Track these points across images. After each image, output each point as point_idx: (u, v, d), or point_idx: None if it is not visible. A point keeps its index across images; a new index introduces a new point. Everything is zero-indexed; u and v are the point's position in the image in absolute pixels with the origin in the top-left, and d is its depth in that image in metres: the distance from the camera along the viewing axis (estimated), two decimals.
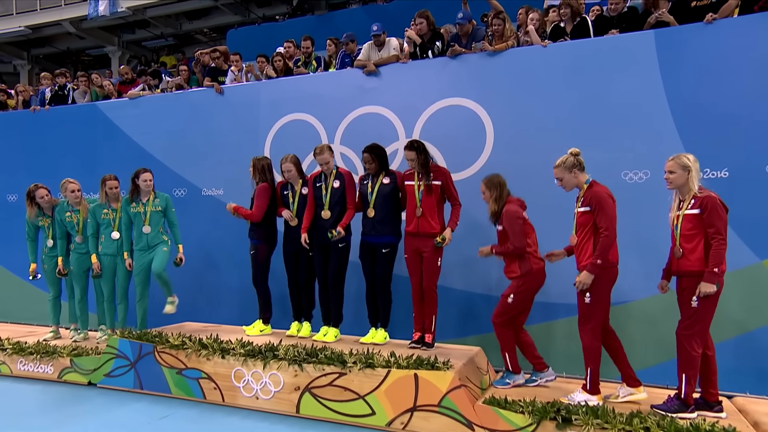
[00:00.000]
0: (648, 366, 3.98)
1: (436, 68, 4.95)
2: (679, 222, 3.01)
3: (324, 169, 4.31)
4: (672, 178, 3.04)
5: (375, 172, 4.18)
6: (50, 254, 5.01)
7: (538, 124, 4.54)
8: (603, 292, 3.17)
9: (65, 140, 6.45)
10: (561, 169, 3.34)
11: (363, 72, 5.19)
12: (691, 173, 2.98)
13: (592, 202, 3.19)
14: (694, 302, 2.91)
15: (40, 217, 5.00)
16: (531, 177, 4.47)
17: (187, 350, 3.98)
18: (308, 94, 5.40)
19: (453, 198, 4.05)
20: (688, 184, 3.00)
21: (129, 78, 6.79)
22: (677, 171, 3.01)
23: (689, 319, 2.97)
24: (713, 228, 2.90)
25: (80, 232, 4.89)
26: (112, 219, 4.81)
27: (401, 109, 5.02)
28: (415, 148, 4.00)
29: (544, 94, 4.54)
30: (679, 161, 3.02)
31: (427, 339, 4.02)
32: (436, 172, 3.99)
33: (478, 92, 4.75)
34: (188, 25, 12.64)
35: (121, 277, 4.82)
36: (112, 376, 4.25)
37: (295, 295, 4.50)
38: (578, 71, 4.44)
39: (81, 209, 4.93)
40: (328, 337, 4.22)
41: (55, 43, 13.82)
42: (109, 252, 4.79)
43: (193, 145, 5.78)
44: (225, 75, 6.10)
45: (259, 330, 4.53)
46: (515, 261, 3.55)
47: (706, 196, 2.95)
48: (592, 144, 4.30)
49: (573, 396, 3.21)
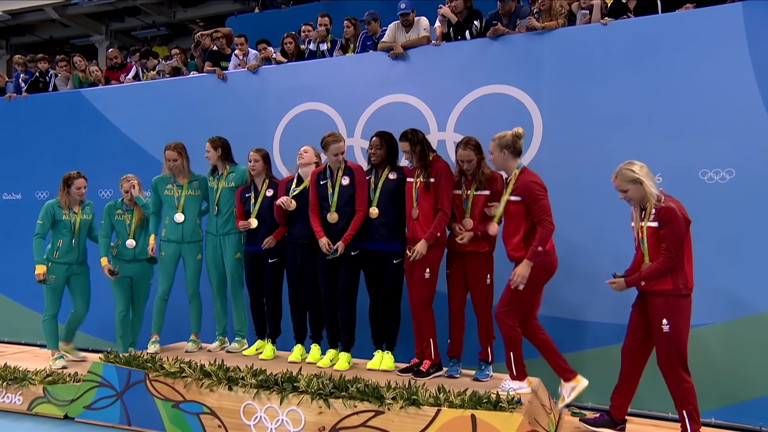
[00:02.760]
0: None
1: (474, 51, 4.52)
2: (644, 235, 2.91)
3: (332, 162, 3.79)
4: (627, 197, 2.94)
5: (380, 162, 3.69)
6: (61, 260, 4.37)
7: (594, 116, 4.09)
8: (536, 282, 3.14)
9: (44, 132, 5.97)
10: (495, 145, 3.24)
11: (389, 56, 4.75)
12: (644, 183, 2.86)
13: (524, 194, 3.10)
14: (665, 326, 2.83)
15: (63, 209, 4.37)
16: (585, 176, 4.07)
17: (186, 379, 3.45)
18: (324, 81, 4.95)
19: (440, 201, 3.47)
20: (646, 194, 2.88)
21: (118, 62, 6.28)
22: (628, 188, 2.90)
23: (665, 349, 2.86)
24: (665, 243, 2.81)
25: (131, 235, 4.38)
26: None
27: (433, 99, 4.58)
28: (408, 139, 3.53)
29: (602, 80, 4.08)
30: (624, 177, 2.91)
31: (423, 366, 3.53)
32: (435, 167, 3.50)
33: (524, 78, 4.31)
34: (183, 14, 12.14)
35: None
36: (93, 409, 3.72)
37: (299, 313, 3.99)
38: (644, 53, 3.97)
39: (135, 210, 4.42)
40: (341, 364, 3.68)
41: (37, 31, 13.32)
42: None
43: (191, 138, 5.18)
44: (228, 60, 5.65)
45: (273, 352, 4.03)
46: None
47: (665, 208, 2.83)
48: (663, 138, 3.87)
49: (504, 385, 3.15)
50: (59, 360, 4.35)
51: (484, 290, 3.50)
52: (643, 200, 2.91)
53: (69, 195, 4.38)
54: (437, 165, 3.52)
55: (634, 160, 2.99)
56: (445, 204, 3.45)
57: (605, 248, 3.94)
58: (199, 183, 4.32)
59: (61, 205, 4.36)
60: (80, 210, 4.44)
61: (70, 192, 4.38)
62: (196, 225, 4.29)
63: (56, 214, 4.35)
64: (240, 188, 4.17)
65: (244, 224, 4.04)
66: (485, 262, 3.51)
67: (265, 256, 4.04)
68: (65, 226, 4.36)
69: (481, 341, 3.55)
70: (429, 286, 3.49)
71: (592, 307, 3.98)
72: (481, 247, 3.47)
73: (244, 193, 4.12)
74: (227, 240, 4.19)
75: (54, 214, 4.35)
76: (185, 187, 4.25)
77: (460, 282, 3.55)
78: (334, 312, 3.79)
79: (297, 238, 3.88)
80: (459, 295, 3.56)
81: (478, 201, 3.50)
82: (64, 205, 4.36)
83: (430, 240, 3.44)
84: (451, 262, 3.58)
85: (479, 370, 3.53)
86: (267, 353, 3.98)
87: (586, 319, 4.01)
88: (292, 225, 3.94)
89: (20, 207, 6.02)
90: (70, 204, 4.39)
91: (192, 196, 4.27)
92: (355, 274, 3.75)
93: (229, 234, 4.18)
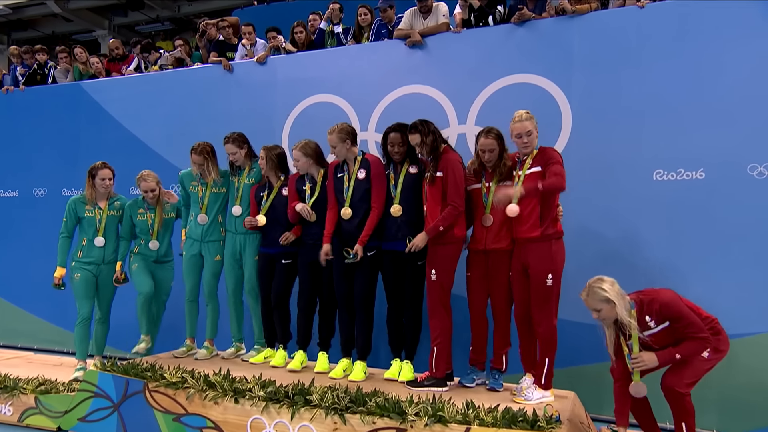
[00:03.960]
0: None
1: (498, 38, 4.29)
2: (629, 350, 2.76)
3: (347, 154, 3.58)
4: (602, 317, 2.76)
5: (401, 159, 3.46)
6: (85, 259, 4.07)
7: (629, 107, 3.85)
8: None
9: (42, 126, 5.79)
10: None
11: (405, 44, 4.53)
12: (616, 305, 2.68)
13: (541, 162, 3.15)
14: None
15: (87, 204, 4.08)
16: (618, 172, 3.84)
17: (188, 390, 3.23)
18: (336, 72, 4.75)
19: (449, 195, 3.21)
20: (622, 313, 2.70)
21: (120, 54, 6.09)
22: (602, 307, 2.72)
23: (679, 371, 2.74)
24: (687, 329, 2.66)
25: (155, 236, 4.13)
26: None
27: (452, 90, 4.36)
28: (419, 130, 3.28)
29: (637, 67, 3.83)
30: (597, 296, 2.72)
31: (421, 376, 3.30)
32: (443, 160, 3.26)
33: (552, 67, 4.07)
34: (188, 8, 12.03)
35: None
36: (88, 421, 3.52)
37: (307, 317, 3.75)
38: (685, 37, 3.72)
39: (158, 208, 4.15)
40: (356, 374, 3.43)
41: (39, 26, 13.25)
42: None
43: (195, 132, 5.00)
44: (234, 50, 5.45)
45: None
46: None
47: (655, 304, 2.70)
48: (706, 130, 3.63)
49: (528, 394, 3.04)
50: (79, 371, 3.99)
51: (505, 292, 3.29)
52: (622, 320, 2.73)
53: (94, 188, 4.08)
54: (445, 157, 3.27)
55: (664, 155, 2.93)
56: (454, 197, 3.20)
57: (639, 249, 3.72)
58: (224, 180, 4.08)
59: (87, 200, 4.08)
60: (107, 205, 4.13)
61: (94, 184, 4.07)
62: (218, 223, 4.05)
63: (78, 209, 4.06)
64: (255, 186, 3.94)
65: (250, 221, 3.81)
66: (509, 262, 3.28)
67: (279, 257, 3.81)
68: (89, 223, 4.06)
69: (497, 348, 3.33)
70: (435, 289, 3.23)
71: None
72: (504, 244, 3.24)
73: (259, 192, 3.89)
74: (249, 239, 3.96)
75: (76, 210, 4.07)
76: (210, 185, 4.02)
77: (482, 284, 3.32)
78: (350, 317, 3.56)
79: (313, 236, 3.66)
80: (481, 298, 3.34)
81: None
82: (90, 200, 4.07)
83: (430, 233, 3.20)
84: (472, 263, 3.35)
85: (493, 379, 3.31)
86: (278, 359, 3.72)
87: None
88: (306, 225, 3.73)
89: (17, 204, 5.87)
90: (96, 198, 4.09)
91: (216, 194, 4.03)
92: (372, 275, 3.52)
93: (251, 233, 3.96)
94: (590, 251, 3.76)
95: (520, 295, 3.22)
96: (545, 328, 3.10)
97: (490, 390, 3.26)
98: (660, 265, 3.65)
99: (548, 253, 3.12)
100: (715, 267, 3.53)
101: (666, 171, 3.71)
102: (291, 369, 3.59)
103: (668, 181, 3.70)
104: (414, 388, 3.19)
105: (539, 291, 3.09)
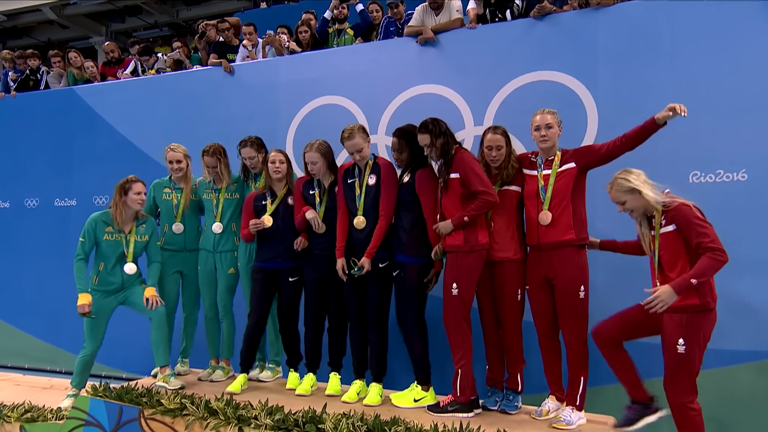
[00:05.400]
0: None
1: (516, 33, 4.11)
2: (655, 245, 2.64)
3: (357, 159, 3.36)
4: (626, 209, 2.71)
5: (406, 164, 3.27)
6: (100, 288, 3.56)
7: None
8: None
9: (34, 133, 5.66)
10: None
11: (416, 42, 4.36)
12: (642, 192, 2.62)
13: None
14: (681, 347, 2.50)
15: (109, 226, 3.55)
16: (650, 172, 3.37)
17: (187, 417, 3.00)
18: (343, 72, 4.60)
19: (474, 185, 2.95)
20: (650, 202, 2.63)
21: (115, 57, 5.93)
22: (625, 198, 2.67)
23: (676, 371, 2.54)
24: (699, 239, 2.50)
25: (179, 218, 3.84)
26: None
27: (468, 90, 4.18)
28: (429, 130, 3.05)
29: (668, 63, 3.63)
30: (621, 187, 2.68)
31: (444, 400, 3.04)
32: (456, 159, 3.02)
33: (576, 63, 3.88)
34: (186, 13, 11.97)
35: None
36: None
37: (314, 336, 3.50)
38: (721, 29, 3.51)
39: (185, 189, 3.86)
40: (371, 398, 3.19)
41: (35, 33, 13.18)
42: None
43: (194, 137, 4.81)
44: (235, 52, 5.31)
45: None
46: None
47: (677, 208, 2.58)
48: (746, 127, 3.42)
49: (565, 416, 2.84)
50: (70, 397, 3.61)
51: (514, 306, 3.05)
52: (647, 210, 2.68)
53: (126, 205, 3.52)
54: (459, 157, 3.03)
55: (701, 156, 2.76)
56: (480, 188, 2.92)
57: None
58: (237, 186, 3.86)
59: (112, 219, 3.55)
60: (133, 229, 3.61)
61: (127, 202, 3.52)
62: (232, 232, 3.79)
63: (98, 232, 3.54)
64: (253, 194, 3.67)
65: (255, 222, 3.49)
66: (517, 273, 3.05)
67: (285, 273, 3.56)
68: (110, 248, 3.54)
69: (510, 367, 3.11)
70: (457, 305, 2.96)
71: None
72: (512, 253, 3.03)
73: (261, 200, 3.61)
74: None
75: (95, 232, 3.54)
76: (223, 190, 3.79)
77: (490, 297, 3.13)
78: (363, 335, 3.33)
79: (322, 247, 3.43)
80: (491, 312, 3.14)
81: (505, 197, 3.09)
82: (116, 220, 3.54)
83: (455, 222, 2.96)
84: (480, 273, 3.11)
85: (507, 400, 3.08)
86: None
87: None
88: (312, 235, 3.47)
89: (7, 216, 5.71)
90: (123, 220, 3.56)
91: (229, 200, 3.80)
92: (385, 289, 3.29)
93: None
94: (620, 261, 3.53)
95: (543, 309, 3.00)
96: (580, 345, 2.88)
97: (501, 412, 3.04)
98: None
99: (579, 263, 2.90)
100: (759, 274, 3.30)
101: (703, 172, 3.50)
102: (300, 393, 3.35)
103: (706, 184, 3.48)
104: (437, 414, 2.95)
105: (571, 305, 2.87)
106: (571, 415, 2.84)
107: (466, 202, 2.98)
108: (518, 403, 3.10)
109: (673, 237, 2.58)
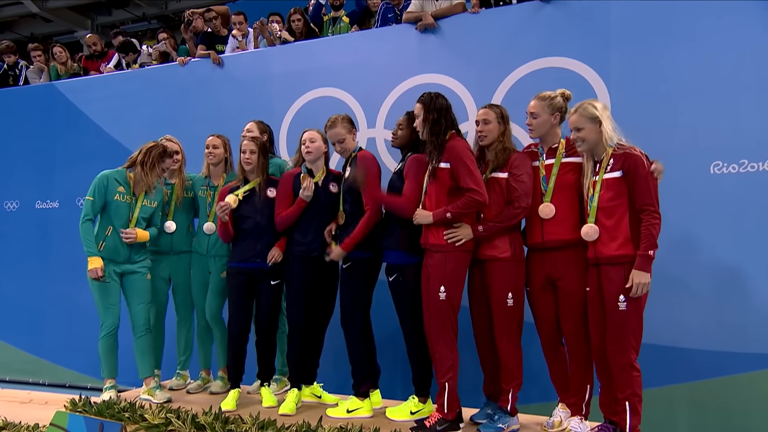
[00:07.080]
0: None
1: (523, 17, 3.99)
2: (596, 191, 2.56)
3: (339, 151, 3.22)
4: (580, 137, 2.61)
5: (404, 144, 3.10)
6: (107, 255, 3.35)
7: (677, 93, 3.52)
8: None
9: (13, 132, 5.57)
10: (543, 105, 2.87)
11: (416, 29, 4.25)
12: (603, 124, 2.57)
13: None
14: (622, 303, 2.47)
15: (121, 186, 3.36)
16: (668, 163, 3.26)
17: None
18: (339, 62, 4.50)
19: (465, 182, 2.71)
20: (603, 139, 2.59)
21: (98, 51, 5.81)
22: (586, 125, 2.60)
23: (618, 330, 2.50)
24: (638, 197, 2.48)
25: (171, 215, 3.67)
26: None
27: (471, 78, 4.08)
28: (422, 101, 2.85)
29: (687, 47, 3.49)
30: (586, 112, 2.60)
31: (429, 419, 2.77)
32: (448, 147, 2.77)
33: (586, 48, 3.77)
34: (175, 5, 11.77)
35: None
36: None
37: (303, 349, 3.23)
38: (745, 11, 3.37)
39: (177, 182, 3.69)
40: (363, 410, 3.06)
41: (17, 28, 12.98)
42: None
43: (183, 133, 4.66)
44: (225, 42, 5.21)
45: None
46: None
47: (629, 154, 2.53)
48: None
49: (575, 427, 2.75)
50: (109, 390, 3.38)
51: (503, 312, 2.77)
52: (597, 148, 2.62)
53: (154, 172, 3.35)
54: (451, 144, 2.77)
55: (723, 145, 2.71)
56: (470, 184, 2.68)
57: (697, 253, 3.39)
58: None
59: (127, 180, 3.37)
60: (142, 193, 3.42)
61: (163, 166, 3.40)
62: None
63: (109, 190, 3.32)
64: (228, 186, 3.41)
65: (222, 206, 3.19)
66: (506, 274, 2.78)
67: (265, 276, 3.30)
68: (119, 210, 3.33)
69: (502, 382, 2.83)
70: (445, 311, 2.73)
71: (688, 331, 3.37)
72: (501, 251, 2.78)
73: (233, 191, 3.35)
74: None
75: (107, 190, 3.32)
76: (219, 188, 3.59)
77: (482, 299, 2.87)
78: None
79: (308, 249, 3.21)
80: (483, 316, 2.89)
81: (494, 185, 2.82)
82: (137, 181, 3.37)
83: (436, 217, 2.73)
84: (469, 273, 2.89)
85: (490, 420, 2.81)
86: (268, 399, 3.26)
87: (680, 345, 3.39)
88: (300, 232, 3.22)
89: None
90: (142, 184, 3.39)
91: None
92: (358, 289, 3.12)
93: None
94: None
95: (546, 313, 2.82)
96: (585, 351, 2.72)
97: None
98: (721, 270, 3.32)
99: (584, 261, 2.69)
100: None
101: (726, 163, 3.36)
102: (284, 413, 3.07)
103: (729, 175, 3.35)
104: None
105: (576, 307, 2.70)
106: (580, 426, 2.71)
107: (453, 196, 2.75)
108: (504, 426, 2.76)
109: (618, 184, 2.53)
